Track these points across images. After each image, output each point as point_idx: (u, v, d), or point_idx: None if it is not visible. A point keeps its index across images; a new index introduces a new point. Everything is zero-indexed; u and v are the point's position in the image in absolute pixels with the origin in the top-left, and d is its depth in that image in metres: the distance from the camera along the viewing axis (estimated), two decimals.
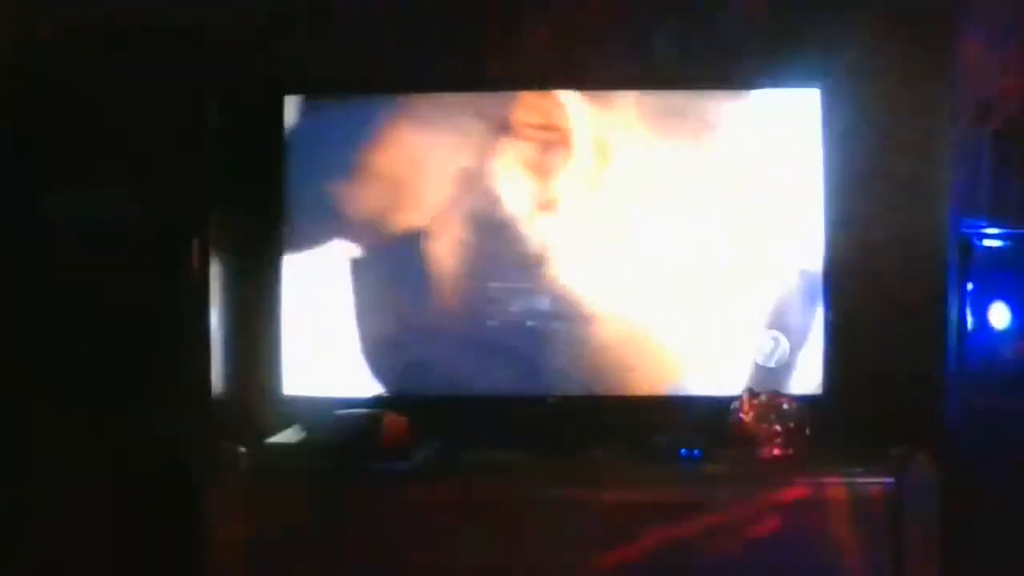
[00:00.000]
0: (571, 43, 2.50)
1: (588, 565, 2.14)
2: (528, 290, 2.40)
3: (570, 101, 2.40)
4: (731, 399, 2.25)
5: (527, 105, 2.41)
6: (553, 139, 2.40)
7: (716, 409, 2.27)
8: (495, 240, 2.40)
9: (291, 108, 2.42)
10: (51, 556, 2.31)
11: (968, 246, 2.25)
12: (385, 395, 2.37)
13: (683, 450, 2.23)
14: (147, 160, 2.43)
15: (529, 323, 2.40)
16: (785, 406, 2.21)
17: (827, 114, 2.36)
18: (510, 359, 2.40)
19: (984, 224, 2.30)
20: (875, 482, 2.15)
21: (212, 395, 2.27)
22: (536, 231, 2.40)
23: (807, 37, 2.42)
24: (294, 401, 2.40)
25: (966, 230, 2.25)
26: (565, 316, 2.39)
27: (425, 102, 2.43)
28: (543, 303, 2.40)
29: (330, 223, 2.41)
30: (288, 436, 2.27)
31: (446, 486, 2.17)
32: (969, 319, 2.25)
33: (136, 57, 2.41)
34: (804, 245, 2.37)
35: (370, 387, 2.39)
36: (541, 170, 2.39)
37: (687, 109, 2.39)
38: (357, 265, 2.41)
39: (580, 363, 2.39)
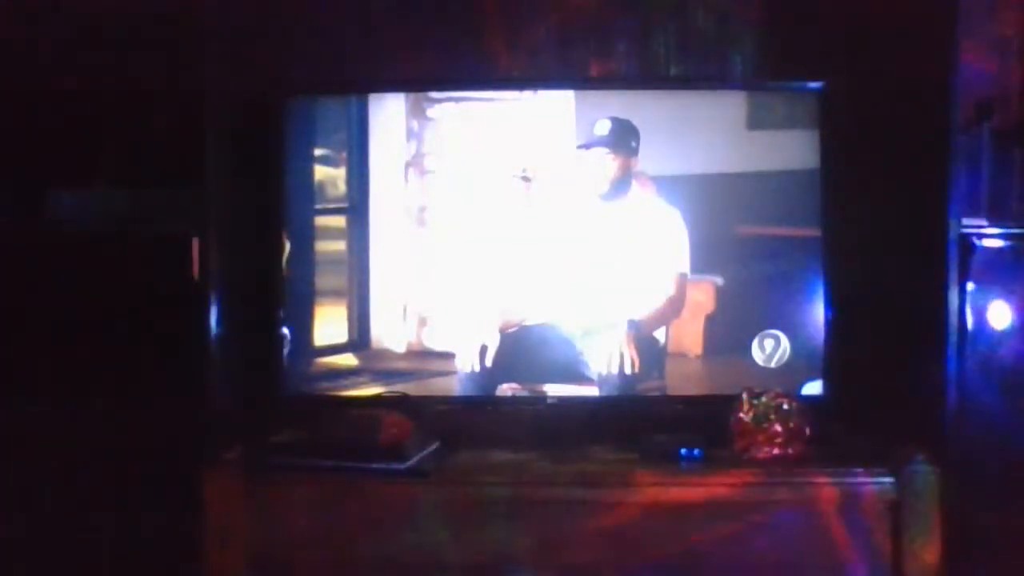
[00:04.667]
0: (571, 43, 2.50)
1: (588, 565, 2.14)
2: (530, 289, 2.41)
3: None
4: (731, 399, 2.25)
5: None
6: None
7: (716, 409, 2.27)
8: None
9: (291, 108, 2.41)
10: (51, 556, 2.31)
11: (968, 246, 2.24)
12: (385, 395, 2.37)
13: (683, 450, 2.23)
14: (147, 160, 2.43)
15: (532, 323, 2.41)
16: (785, 406, 2.21)
17: (826, 114, 2.36)
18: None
19: (984, 224, 2.30)
20: (875, 482, 2.15)
21: (212, 395, 2.27)
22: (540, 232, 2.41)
23: (807, 37, 2.42)
24: (294, 401, 2.40)
25: (966, 230, 2.25)
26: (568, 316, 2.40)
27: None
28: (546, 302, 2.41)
29: (330, 222, 2.42)
30: (288, 436, 2.27)
31: (446, 486, 2.17)
32: (969, 319, 2.25)
33: (136, 57, 2.41)
34: (804, 244, 2.37)
35: (370, 387, 2.38)
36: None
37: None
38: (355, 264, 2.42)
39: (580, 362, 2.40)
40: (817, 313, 2.37)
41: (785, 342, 2.38)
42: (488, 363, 2.37)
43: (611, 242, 2.40)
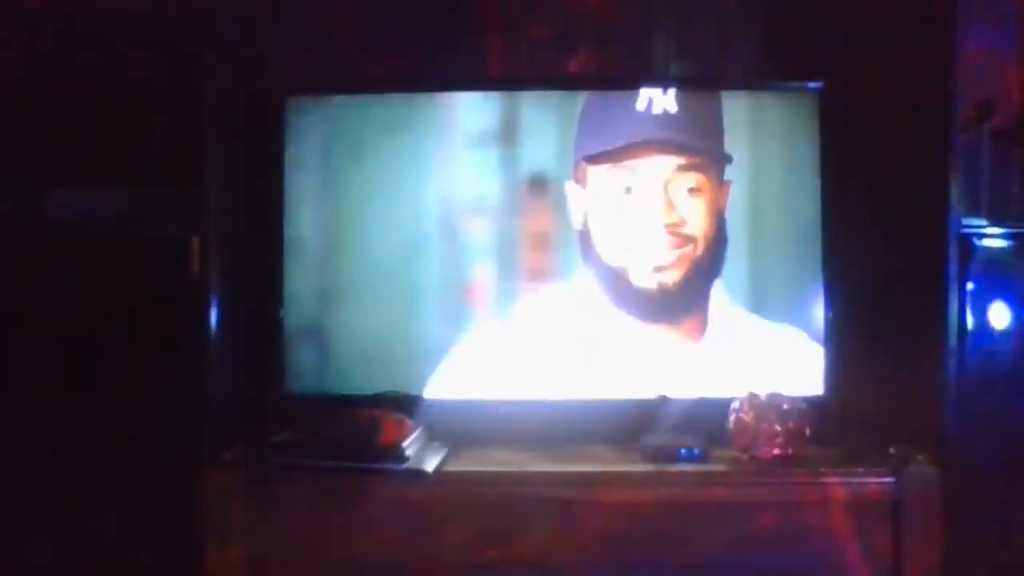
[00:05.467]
0: (571, 43, 2.50)
1: (588, 565, 2.14)
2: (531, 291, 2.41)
3: None
4: (731, 399, 2.25)
5: None
6: None
7: (716, 409, 2.27)
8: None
9: (291, 108, 2.41)
10: (51, 556, 2.31)
11: (968, 246, 2.25)
12: (385, 395, 2.37)
13: (683, 450, 2.23)
14: (147, 160, 2.43)
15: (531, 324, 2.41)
16: (785, 406, 2.21)
17: (826, 114, 2.36)
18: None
19: (984, 224, 2.30)
20: (875, 482, 2.15)
21: (212, 395, 2.27)
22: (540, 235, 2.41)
23: (807, 37, 2.42)
24: (294, 401, 2.40)
25: (966, 230, 2.25)
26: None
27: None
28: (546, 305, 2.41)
29: (331, 223, 2.42)
30: (288, 436, 2.27)
31: (446, 486, 2.17)
32: (969, 319, 2.25)
33: (136, 57, 2.41)
34: (803, 244, 2.37)
35: (370, 387, 2.38)
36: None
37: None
38: (357, 264, 2.42)
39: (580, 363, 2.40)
40: (817, 313, 2.37)
41: (785, 342, 2.38)
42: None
43: None
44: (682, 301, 2.38)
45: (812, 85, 2.37)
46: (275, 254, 2.40)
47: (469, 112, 2.40)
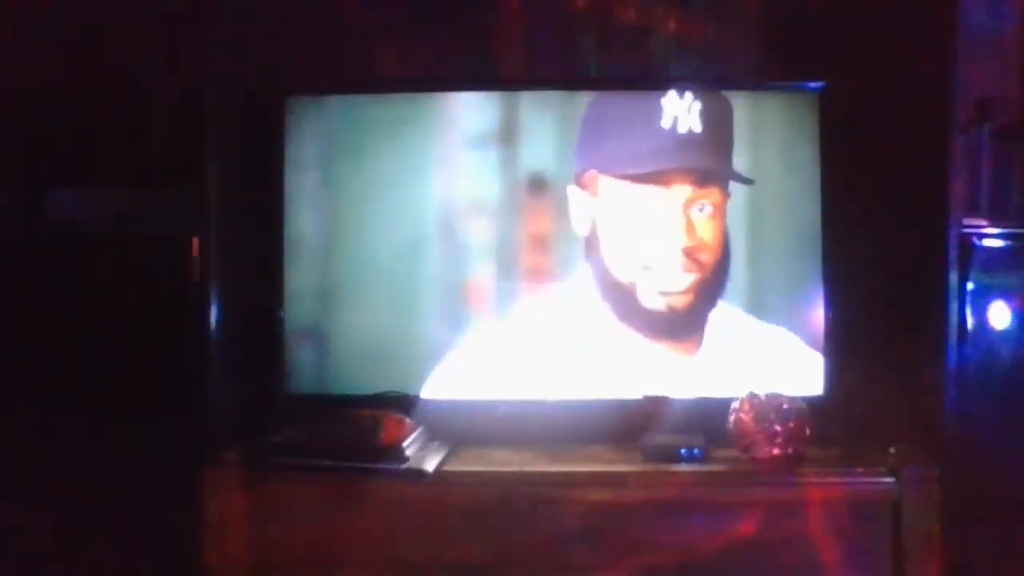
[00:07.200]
0: (572, 43, 2.50)
1: (588, 565, 2.14)
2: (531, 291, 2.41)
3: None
4: (731, 399, 2.25)
5: None
6: None
7: (716, 409, 2.27)
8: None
9: (291, 108, 2.41)
10: (50, 556, 2.31)
11: (968, 246, 2.25)
12: (385, 395, 2.37)
13: (683, 450, 2.23)
14: (147, 160, 2.44)
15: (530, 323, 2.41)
16: (785, 406, 2.21)
17: (826, 114, 2.36)
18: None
19: (984, 224, 2.30)
20: (875, 482, 2.15)
21: (212, 395, 2.27)
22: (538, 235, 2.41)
23: (807, 37, 2.42)
24: (294, 401, 2.40)
25: (966, 230, 2.25)
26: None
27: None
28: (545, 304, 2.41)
29: (331, 223, 2.42)
30: (288, 436, 2.27)
31: (446, 486, 2.17)
32: (969, 319, 2.25)
33: (136, 57, 2.42)
34: (803, 245, 2.37)
35: (370, 387, 2.38)
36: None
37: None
38: (357, 264, 2.42)
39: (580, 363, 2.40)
40: (817, 313, 2.37)
41: (786, 342, 2.38)
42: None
43: None
44: (688, 321, 2.36)
45: (812, 85, 2.37)
46: (275, 254, 2.40)
47: (469, 112, 2.40)
